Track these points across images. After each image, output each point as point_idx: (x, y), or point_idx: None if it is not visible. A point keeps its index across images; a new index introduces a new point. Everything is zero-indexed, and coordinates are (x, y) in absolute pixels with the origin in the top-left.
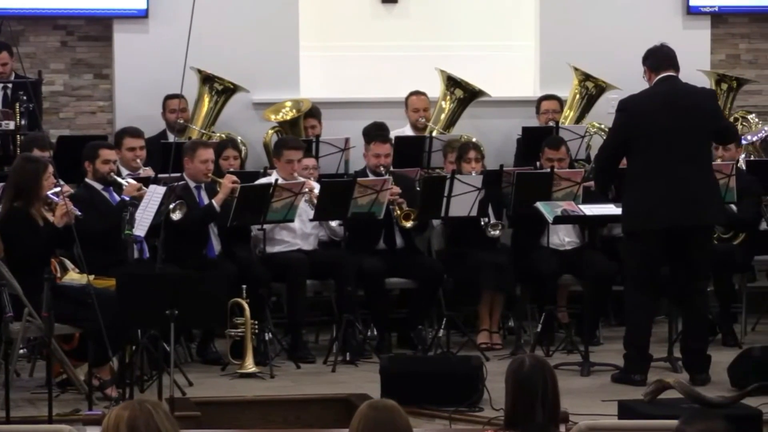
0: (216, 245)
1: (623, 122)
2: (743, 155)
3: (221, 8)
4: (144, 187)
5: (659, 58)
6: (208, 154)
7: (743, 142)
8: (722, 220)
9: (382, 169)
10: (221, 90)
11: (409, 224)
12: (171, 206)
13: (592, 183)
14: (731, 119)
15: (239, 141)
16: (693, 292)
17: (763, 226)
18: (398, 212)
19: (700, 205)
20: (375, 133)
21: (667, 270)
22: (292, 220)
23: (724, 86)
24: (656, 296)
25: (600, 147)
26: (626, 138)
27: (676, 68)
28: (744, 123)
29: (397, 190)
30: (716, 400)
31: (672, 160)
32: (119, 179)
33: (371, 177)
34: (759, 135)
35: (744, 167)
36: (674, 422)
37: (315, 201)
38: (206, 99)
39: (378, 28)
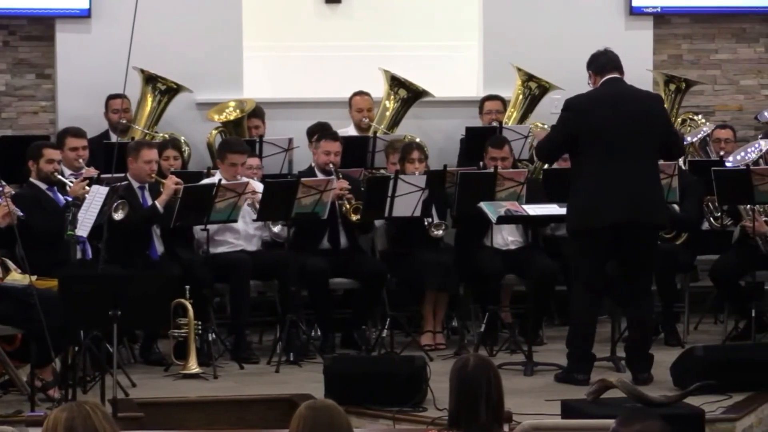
0: (159, 246)
1: (568, 121)
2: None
3: (164, 8)
4: (88, 187)
5: (603, 62)
6: (152, 154)
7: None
8: (667, 224)
9: (331, 166)
10: (164, 90)
11: (359, 218)
12: (113, 206)
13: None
14: (679, 120)
15: (182, 141)
16: (638, 292)
17: (706, 226)
18: (347, 207)
19: (647, 205)
20: (325, 131)
21: (610, 269)
22: (235, 221)
23: (672, 87)
24: (602, 296)
25: (541, 142)
26: (570, 136)
27: (621, 71)
28: (691, 124)
29: (346, 184)
30: (659, 399)
31: (618, 160)
32: (63, 179)
33: (319, 175)
34: (698, 135)
35: (686, 167)
36: None
37: (257, 204)
38: (149, 99)
39: (321, 28)
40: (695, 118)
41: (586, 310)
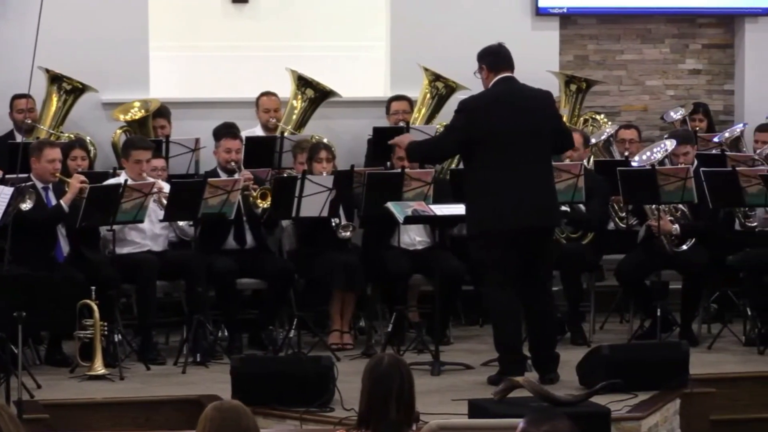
0: (65, 247)
1: (462, 123)
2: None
3: (70, 7)
4: None
5: (499, 59)
6: (55, 153)
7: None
8: (561, 223)
9: (233, 164)
10: (70, 90)
11: (266, 204)
12: (23, 195)
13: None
14: (581, 120)
15: (88, 141)
16: (539, 292)
17: (611, 225)
18: (254, 195)
19: (545, 207)
20: (224, 130)
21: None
22: (141, 221)
23: (573, 87)
24: (513, 290)
25: (433, 142)
26: (465, 139)
27: (513, 69)
28: (593, 124)
29: (248, 174)
30: (565, 398)
31: (514, 162)
32: None
33: (222, 176)
34: (602, 137)
35: (592, 167)
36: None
37: (164, 201)
38: (54, 99)
39: (229, 28)
40: (597, 117)
41: (502, 308)
